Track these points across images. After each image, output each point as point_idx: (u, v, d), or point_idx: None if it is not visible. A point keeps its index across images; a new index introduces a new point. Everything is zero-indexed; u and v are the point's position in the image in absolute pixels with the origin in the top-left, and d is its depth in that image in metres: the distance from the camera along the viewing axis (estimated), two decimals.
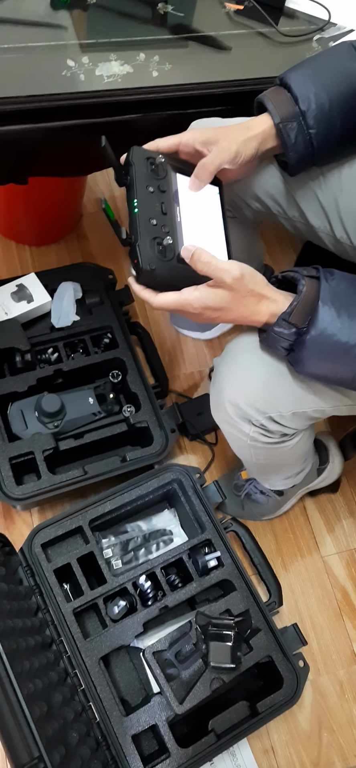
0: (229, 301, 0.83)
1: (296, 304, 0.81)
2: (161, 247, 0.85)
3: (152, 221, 0.86)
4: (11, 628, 0.91)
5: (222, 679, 1.00)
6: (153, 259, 0.84)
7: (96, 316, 1.36)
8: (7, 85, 0.99)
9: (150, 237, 0.85)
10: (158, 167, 0.91)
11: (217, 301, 0.83)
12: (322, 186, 1.01)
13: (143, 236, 0.85)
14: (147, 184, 0.89)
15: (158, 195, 0.89)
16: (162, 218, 0.88)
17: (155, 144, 0.93)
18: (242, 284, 0.82)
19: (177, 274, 0.85)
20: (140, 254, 0.84)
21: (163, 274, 0.84)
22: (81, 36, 1.09)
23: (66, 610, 1.07)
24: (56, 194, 1.48)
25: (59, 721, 0.90)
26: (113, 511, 1.18)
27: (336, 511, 1.40)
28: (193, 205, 0.92)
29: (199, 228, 0.91)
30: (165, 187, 0.90)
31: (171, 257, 0.85)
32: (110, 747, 0.98)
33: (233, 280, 0.81)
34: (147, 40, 1.12)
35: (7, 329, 1.26)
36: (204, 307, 0.83)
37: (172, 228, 0.88)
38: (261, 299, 0.84)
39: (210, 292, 0.82)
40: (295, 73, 0.92)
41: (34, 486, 1.17)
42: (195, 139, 0.92)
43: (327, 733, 1.17)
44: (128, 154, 0.90)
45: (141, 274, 0.84)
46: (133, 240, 0.85)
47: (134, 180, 0.88)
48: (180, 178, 0.93)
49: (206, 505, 1.19)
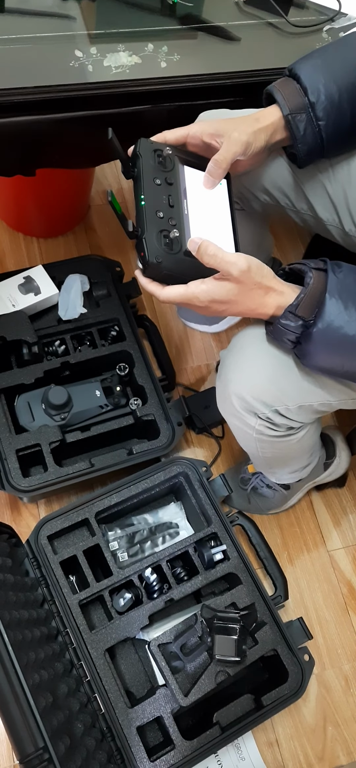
0: (236, 294, 0.82)
1: (303, 296, 0.81)
2: (168, 240, 0.85)
3: (158, 214, 0.86)
4: (17, 619, 0.92)
5: (227, 672, 1.00)
6: (160, 252, 0.84)
7: (103, 309, 1.36)
8: (15, 76, 0.99)
9: (157, 230, 0.85)
10: (165, 159, 0.90)
11: (224, 294, 0.82)
12: (331, 178, 1.00)
13: (149, 229, 0.84)
14: (154, 176, 0.88)
15: (165, 187, 0.89)
16: (169, 211, 0.87)
17: (163, 136, 0.92)
18: (249, 276, 0.81)
19: (184, 268, 0.85)
20: (147, 247, 0.83)
21: (169, 267, 0.84)
22: (89, 26, 1.08)
23: (72, 601, 1.07)
24: (64, 186, 1.48)
25: (64, 712, 0.91)
26: (119, 503, 1.18)
27: (343, 506, 1.40)
28: (200, 197, 0.92)
29: (206, 220, 0.91)
30: (172, 180, 0.90)
31: (178, 250, 0.85)
32: (115, 738, 0.98)
33: (240, 273, 0.80)
34: (155, 31, 1.11)
35: (15, 321, 1.26)
36: (211, 301, 0.83)
37: (179, 221, 0.87)
38: (268, 291, 0.83)
39: (217, 285, 0.82)
40: (305, 64, 0.91)
41: (41, 478, 1.17)
42: (203, 131, 0.92)
43: (332, 727, 1.17)
44: (135, 146, 0.90)
45: (148, 267, 0.84)
46: (139, 233, 0.85)
47: (141, 172, 0.88)
48: (188, 170, 0.92)
49: (213, 499, 1.19)
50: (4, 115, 0.99)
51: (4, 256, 1.54)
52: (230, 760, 1.10)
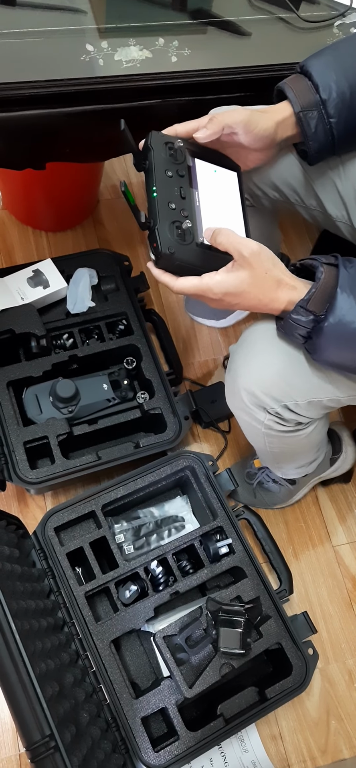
0: (249, 284, 0.82)
1: (314, 291, 0.81)
2: (180, 231, 0.85)
3: (170, 205, 0.86)
4: (24, 609, 0.93)
5: (232, 665, 1.01)
6: (172, 243, 0.84)
7: (111, 303, 1.36)
8: (26, 70, 0.99)
9: (169, 221, 0.85)
10: (176, 152, 0.90)
11: (237, 284, 0.82)
12: (341, 175, 1.00)
13: (162, 220, 0.85)
14: (166, 168, 0.89)
15: (176, 179, 0.89)
16: (181, 202, 0.88)
17: (174, 129, 0.92)
18: (260, 260, 0.81)
19: (196, 258, 0.85)
20: (160, 238, 0.84)
21: (182, 258, 0.84)
22: (100, 20, 1.08)
23: (78, 593, 1.08)
24: (73, 180, 1.48)
25: (70, 702, 0.91)
26: (125, 496, 1.19)
27: (348, 501, 1.40)
28: (212, 189, 0.92)
29: (218, 212, 0.91)
30: (184, 172, 0.90)
31: (190, 241, 0.85)
32: (120, 728, 0.99)
33: (251, 253, 0.81)
34: (166, 25, 1.11)
35: (23, 314, 1.27)
36: (225, 293, 0.83)
37: (191, 212, 0.87)
38: (280, 285, 0.83)
39: (230, 276, 0.82)
40: (316, 61, 0.91)
41: (48, 470, 1.18)
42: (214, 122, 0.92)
43: (335, 721, 1.18)
44: (146, 139, 0.90)
45: (160, 258, 0.85)
46: (152, 224, 0.85)
47: (152, 165, 0.88)
48: (198, 162, 0.93)
49: (219, 493, 1.19)
50: (15, 109, 0.99)
51: (13, 250, 1.54)
52: (233, 752, 1.11)
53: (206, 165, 0.93)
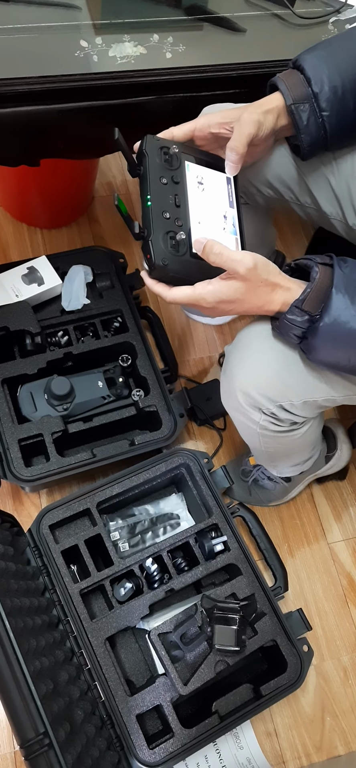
0: (243, 293, 0.82)
1: (309, 291, 0.81)
2: (174, 242, 0.84)
3: (165, 215, 0.85)
4: (19, 606, 0.93)
5: (227, 662, 1.01)
6: (166, 255, 0.83)
7: (106, 300, 1.36)
8: (20, 66, 0.98)
9: (163, 231, 0.84)
10: (171, 157, 0.89)
11: (231, 294, 0.82)
12: (335, 172, 1.00)
13: (156, 231, 0.84)
14: (160, 175, 0.87)
15: (171, 187, 0.88)
16: (176, 211, 0.86)
17: (170, 132, 0.92)
18: (256, 274, 0.81)
19: (190, 269, 0.84)
20: (153, 249, 0.83)
21: (176, 269, 0.84)
22: (94, 16, 1.08)
23: (73, 590, 1.08)
24: (68, 177, 1.48)
25: (65, 699, 0.91)
26: (120, 494, 1.18)
27: (344, 499, 1.40)
28: (207, 195, 0.91)
29: (212, 219, 0.90)
30: (179, 179, 0.88)
31: (184, 252, 0.84)
32: (115, 726, 0.99)
33: (246, 271, 0.80)
34: (161, 21, 1.11)
35: (18, 311, 1.26)
36: (218, 301, 0.83)
37: (185, 221, 0.86)
38: (275, 288, 0.83)
39: (224, 285, 0.82)
40: (309, 55, 0.91)
41: (43, 468, 1.17)
42: (211, 122, 0.92)
43: (330, 718, 1.18)
44: (141, 143, 0.89)
45: (154, 269, 0.84)
46: (146, 234, 0.84)
47: (147, 172, 0.87)
48: (194, 167, 0.92)
49: (214, 490, 1.19)
50: (9, 105, 0.98)
51: (8, 247, 1.54)
52: (228, 749, 1.11)
53: (201, 169, 0.92)
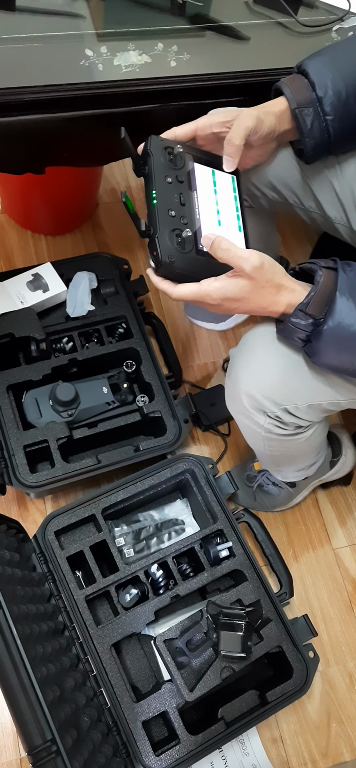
0: (248, 291, 0.82)
1: (313, 294, 0.81)
2: (180, 239, 0.85)
3: (170, 212, 0.86)
4: (25, 613, 0.93)
5: (232, 668, 1.01)
6: (172, 252, 0.84)
7: (111, 306, 1.37)
8: (25, 74, 0.99)
9: (169, 229, 0.85)
10: (176, 157, 0.90)
11: (236, 292, 0.82)
12: (339, 176, 1.01)
13: (161, 228, 0.85)
14: (165, 174, 0.89)
15: (176, 185, 0.89)
16: (181, 209, 0.88)
17: (173, 132, 0.93)
18: (262, 273, 0.81)
19: (196, 266, 0.85)
20: (159, 247, 0.84)
21: (182, 266, 0.84)
22: (99, 25, 1.09)
23: (78, 597, 1.08)
24: (72, 184, 1.48)
25: (71, 706, 0.91)
26: (125, 500, 1.18)
27: (348, 504, 1.40)
28: (211, 194, 0.92)
29: (217, 217, 0.91)
30: (183, 178, 0.90)
31: (190, 249, 0.85)
32: (121, 732, 0.99)
33: (252, 269, 0.81)
34: (165, 30, 1.12)
35: (23, 318, 1.27)
36: (223, 298, 0.83)
37: (190, 219, 0.88)
38: (280, 289, 0.83)
39: (229, 283, 0.82)
40: (313, 60, 0.92)
41: (48, 474, 1.18)
42: (212, 122, 0.92)
43: (336, 724, 1.18)
44: (145, 144, 0.90)
45: (160, 266, 0.85)
46: (152, 232, 0.85)
47: (152, 171, 0.88)
48: (198, 167, 0.93)
49: (219, 496, 1.20)
50: (15, 114, 0.99)
51: (13, 254, 1.54)
52: (234, 755, 1.11)
53: (205, 169, 0.93)
